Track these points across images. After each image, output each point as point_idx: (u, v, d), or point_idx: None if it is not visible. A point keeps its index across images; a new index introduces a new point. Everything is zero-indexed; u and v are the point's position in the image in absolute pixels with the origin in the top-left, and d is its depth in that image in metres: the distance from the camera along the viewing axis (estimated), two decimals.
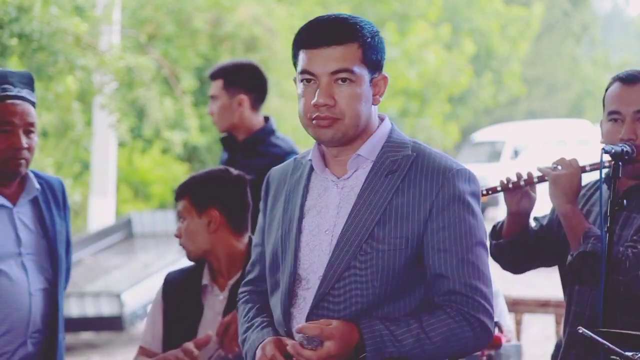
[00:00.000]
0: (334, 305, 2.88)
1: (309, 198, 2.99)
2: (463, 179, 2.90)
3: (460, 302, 2.84)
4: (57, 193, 4.39)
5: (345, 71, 2.89)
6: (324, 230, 2.93)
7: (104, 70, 11.91)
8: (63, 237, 4.36)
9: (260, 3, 18.29)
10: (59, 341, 4.29)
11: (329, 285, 2.88)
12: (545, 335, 9.82)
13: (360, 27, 2.93)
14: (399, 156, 2.94)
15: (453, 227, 2.86)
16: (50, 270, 4.28)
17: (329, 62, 2.89)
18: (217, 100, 5.52)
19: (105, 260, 11.97)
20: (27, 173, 4.30)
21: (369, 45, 2.93)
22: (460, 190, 2.88)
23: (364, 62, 2.91)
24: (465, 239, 2.87)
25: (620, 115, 3.67)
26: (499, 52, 33.36)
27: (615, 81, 3.73)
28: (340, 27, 2.92)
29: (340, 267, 2.88)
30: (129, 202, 18.48)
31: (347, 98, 2.89)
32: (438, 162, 2.92)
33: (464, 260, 2.84)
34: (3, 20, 10.28)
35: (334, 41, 2.89)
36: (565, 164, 3.69)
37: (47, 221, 4.29)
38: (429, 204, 2.87)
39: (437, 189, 2.88)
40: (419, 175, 2.90)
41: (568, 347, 3.74)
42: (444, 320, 2.83)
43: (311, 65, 2.91)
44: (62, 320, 4.34)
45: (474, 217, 2.90)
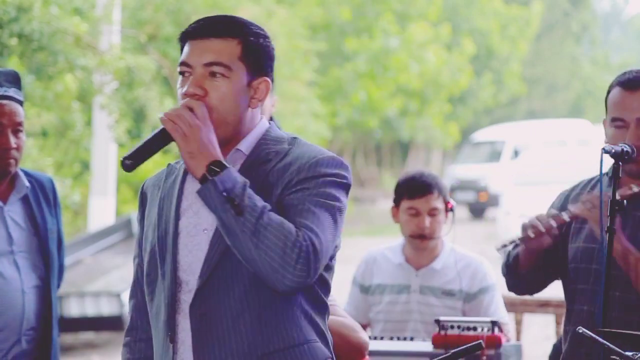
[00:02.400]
0: (213, 302, 2.84)
1: (185, 200, 2.93)
2: (327, 165, 2.86)
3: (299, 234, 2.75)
4: (48, 191, 4.40)
5: (219, 64, 2.83)
6: (202, 229, 2.88)
7: (104, 70, 11.90)
8: (54, 234, 4.36)
9: (259, 4, 18.30)
10: (53, 338, 4.29)
11: (205, 281, 2.84)
12: (545, 335, 9.82)
13: (245, 26, 2.89)
14: (274, 149, 2.90)
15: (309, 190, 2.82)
16: (42, 267, 4.28)
17: (205, 53, 2.84)
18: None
19: (105, 260, 11.97)
20: (17, 171, 4.30)
21: (251, 44, 2.87)
22: (321, 172, 2.85)
23: (243, 61, 2.86)
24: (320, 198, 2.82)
25: (623, 122, 3.68)
26: (499, 52, 33.37)
27: (616, 86, 3.73)
28: (224, 22, 2.89)
29: (214, 259, 2.84)
30: (129, 202, 18.47)
31: (218, 93, 2.84)
32: (308, 151, 2.89)
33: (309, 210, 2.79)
34: (3, 20, 10.28)
35: (214, 33, 2.85)
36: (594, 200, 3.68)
37: (38, 219, 4.30)
38: (287, 180, 2.84)
39: (298, 170, 2.84)
40: (288, 161, 2.86)
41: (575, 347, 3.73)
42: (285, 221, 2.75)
43: (188, 57, 2.86)
44: (57, 317, 4.34)
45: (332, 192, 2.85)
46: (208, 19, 2.90)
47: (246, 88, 2.88)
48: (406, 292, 4.83)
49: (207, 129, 2.79)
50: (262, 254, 2.72)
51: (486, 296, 4.76)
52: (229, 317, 2.84)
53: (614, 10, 65.79)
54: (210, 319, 2.85)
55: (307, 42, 20.86)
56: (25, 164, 10.38)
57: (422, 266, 4.84)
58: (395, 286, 4.86)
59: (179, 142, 2.78)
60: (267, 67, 2.91)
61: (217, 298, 2.84)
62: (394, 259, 4.89)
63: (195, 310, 2.86)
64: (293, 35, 19.69)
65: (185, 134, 2.77)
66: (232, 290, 2.83)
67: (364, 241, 21.52)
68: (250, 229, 2.72)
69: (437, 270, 4.81)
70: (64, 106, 12.29)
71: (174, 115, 2.79)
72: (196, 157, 2.76)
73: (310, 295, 2.90)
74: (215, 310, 2.84)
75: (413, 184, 4.80)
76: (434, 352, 4.23)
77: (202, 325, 2.86)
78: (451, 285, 4.78)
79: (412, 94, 27.39)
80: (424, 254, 4.85)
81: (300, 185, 2.82)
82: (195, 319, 2.86)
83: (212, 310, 2.85)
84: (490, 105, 34.05)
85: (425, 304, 4.78)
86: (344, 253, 20.87)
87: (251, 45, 2.87)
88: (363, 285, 4.98)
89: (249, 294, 2.83)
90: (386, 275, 4.90)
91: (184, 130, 2.77)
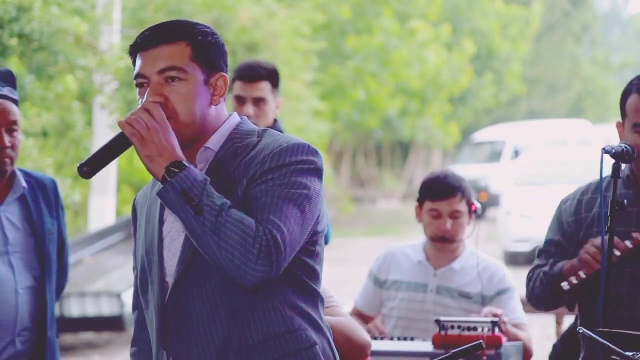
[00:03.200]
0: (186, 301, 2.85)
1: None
2: (292, 152, 2.85)
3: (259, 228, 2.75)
4: (49, 192, 4.39)
5: (173, 69, 2.85)
6: (182, 231, 2.88)
7: (104, 70, 11.90)
8: (54, 235, 4.35)
9: (259, 4, 18.29)
10: (48, 339, 4.28)
11: (178, 281, 2.86)
12: (545, 335, 9.82)
13: (191, 27, 2.90)
14: (244, 142, 2.90)
15: (274, 180, 2.81)
16: (38, 268, 4.27)
17: (157, 61, 2.86)
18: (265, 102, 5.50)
19: (105, 260, 11.97)
20: (14, 171, 4.29)
21: (200, 44, 2.89)
22: (287, 161, 2.83)
23: (195, 61, 2.87)
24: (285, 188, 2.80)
25: None
26: (499, 52, 33.36)
27: (634, 92, 3.72)
28: (168, 27, 2.90)
29: (186, 259, 2.85)
30: (130, 202, 18.47)
31: (178, 96, 2.85)
32: (274, 141, 2.88)
33: (272, 203, 2.78)
34: (3, 19, 10.28)
35: (161, 40, 2.86)
36: None
37: (35, 219, 4.29)
38: (251, 173, 2.83)
39: (262, 161, 2.83)
40: (253, 155, 2.86)
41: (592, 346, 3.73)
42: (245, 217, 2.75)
43: (141, 68, 2.88)
44: (53, 318, 4.33)
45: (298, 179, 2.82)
46: (153, 28, 2.92)
47: (204, 86, 2.89)
48: (423, 291, 4.81)
49: (165, 130, 2.79)
50: (223, 251, 2.72)
51: (504, 297, 4.73)
52: (203, 315, 2.85)
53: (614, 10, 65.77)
54: (186, 319, 2.86)
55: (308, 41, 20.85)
56: (25, 164, 10.37)
57: (441, 266, 4.82)
58: (412, 284, 4.83)
59: (137, 146, 2.79)
60: (221, 62, 2.93)
61: (189, 297, 2.85)
62: (414, 257, 4.87)
63: (170, 311, 2.87)
64: (294, 34, 19.68)
65: (143, 137, 2.78)
66: (203, 288, 2.84)
67: (364, 241, 21.51)
68: (210, 227, 2.72)
69: (456, 270, 4.79)
70: (64, 106, 12.28)
71: (132, 119, 2.79)
72: (155, 160, 2.77)
73: (296, 284, 2.89)
74: (189, 310, 2.86)
75: (436, 186, 4.76)
76: (434, 352, 4.23)
77: (179, 326, 2.87)
78: (469, 288, 4.75)
79: (412, 93, 27.39)
80: (445, 255, 4.83)
81: (265, 176, 2.81)
82: (172, 319, 2.87)
83: (186, 310, 2.86)
84: (491, 105, 34.04)
85: (442, 305, 4.75)
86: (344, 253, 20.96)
87: (200, 45, 2.89)
88: (378, 279, 4.94)
89: (220, 291, 2.83)
90: (404, 272, 4.88)
91: (142, 133, 2.78)
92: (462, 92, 30.00)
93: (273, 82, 5.24)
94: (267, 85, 5.23)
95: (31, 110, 11.69)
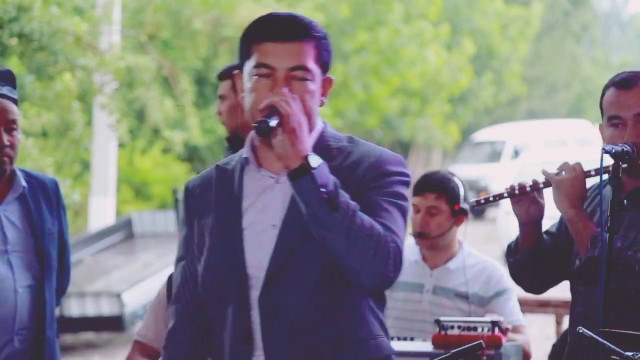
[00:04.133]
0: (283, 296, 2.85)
1: (246, 199, 2.94)
2: (392, 163, 2.91)
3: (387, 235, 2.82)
4: (50, 192, 4.38)
5: (303, 68, 2.88)
6: (270, 225, 2.89)
7: (104, 70, 11.90)
8: (55, 235, 4.34)
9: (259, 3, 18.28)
10: (47, 338, 4.27)
11: (273, 276, 2.85)
12: (545, 335, 9.82)
13: (314, 27, 2.93)
14: (335, 146, 2.94)
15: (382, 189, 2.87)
16: (37, 267, 4.27)
17: (289, 57, 2.87)
18: (226, 100, 5.55)
19: (105, 260, 11.98)
20: (14, 171, 4.29)
21: (323, 46, 2.93)
22: (389, 170, 2.89)
23: (318, 62, 2.91)
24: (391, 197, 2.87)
25: (621, 120, 3.68)
26: (499, 52, 33.35)
27: (610, 86, 3.74)
28: (298, 24, 2.91)
29: (283, 254, 2.85)
30: (130, 202, 18.47)
31: (302, 95, 2.87)
32: (372, 149, 2.94)
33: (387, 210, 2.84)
34: (3, 19, 10.27)
35: (293, 37, 2.88)
36: (569, 168, 3.70)
37: (34, 219, 4.28)
38: (360, 180, 2.88)
39: (369, 169, 2.88)
40: (354, 161, 2.90)
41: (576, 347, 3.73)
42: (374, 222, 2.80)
43: (269, 59, 2.88)
44: (52, 317, 4.32)
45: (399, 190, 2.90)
46: (281, 20, 2.93)
47: (320, 88, 2.94)
48: (419, 292, 4.81)
49: (306, 124, 2.83)
50: (353, 252, 2.77)
51: (501, 298, 4.72)
52: (298, 312, 2.85)
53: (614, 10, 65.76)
54: (280, 314, 2.86)
55: None
56: (25, 164, 10.37)
57: (437, 266, 4.82)
58: (409, 284, 4.83)
59: (286, 125, 2.78)
60: (330, 65, 2.98)
61: (286, 293, 2.86)
62: (411, 256, 4.86)
63: (264, 305, 2.86)
64: None
65: (292, 119, 2.79)
66: (302, 285, 2.85)
67: None
68: (345, 226, 2.76)
69: (452, 270, 4.78)
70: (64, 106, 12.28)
71: (286, 100, 2.81)
72: (296, 146, 2.79)
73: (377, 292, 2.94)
74: (285, 305, 2.86)
75: (419, 182, 4.82)
76: (434, 352, 4.22)
77: (272, 321, 2.86)
78: (464, 288, 4.75)
79: (412, 93, 27.37)
80: (440, 254, 4.82)
81: (374, 183, 2.87)
82: (265, 314, 2.86)
83: (281, 305, 2.86)
84: (491, 105, 34.02)
85: (438, 305, 4.75)
86: None
87: (323, 47, 2.94)
88: None
89: (319, 289, 2.85)
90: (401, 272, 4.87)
91: (295, 114, 2.80)
92: (462, 92, 29.98)
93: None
94: (228, 82, 5.41)
95: (31, 110, 11.70)
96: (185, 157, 19.18)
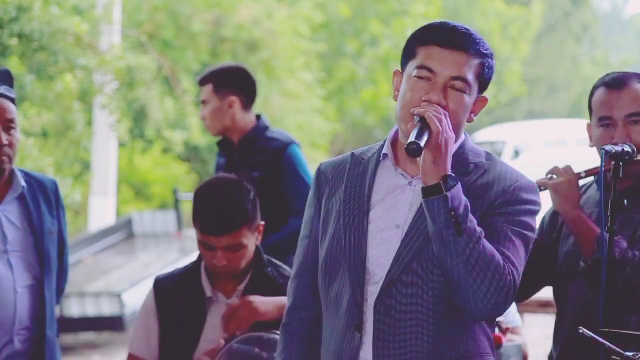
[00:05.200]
0: (399, 300, 2.87)
1: (375, 194, 2.97)
2: (526, 190, 2.92)
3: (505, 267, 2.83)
4: (49, 192, 4.38)
5: (463, 80, 2.90)
6: (394, 225, 2.91)
7: (104, 70, 11.90)
8: (54, 235, 4.35)
9: (260, 2, 18.29)
10: (47, 338, 4.27)
11: (394, 277, 2.87)
12: (545, 335, 9.82)
13: (486, 45, 2.96)
14: (473, 161, 2.96)
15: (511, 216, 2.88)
16: (37, 267, 4.27)
17: (453, 65, 2.90)
18: (208, 104, 5.57)
19: (105, 260, 11.97)
20: (13, 170, 4.29)
21: (488, 64, 2.96)
22: (522, 198, 2.91)
23: (478, 79, 2.94)
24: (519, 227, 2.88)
25: (611, 121, 3.68)
26: (499, 52, 33.35)
27: (600, 86, 3.73)
28: (471, 37, 2.94)
29: (406, 260, 2.87)
30: (130, 202, 18.47)
31: (456, 106, 2.90)
32: (508, 171, 2.95)
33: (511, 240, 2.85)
34: (3, 19, 10.27)
35: (463, 47, 2.91)
36: (560, 171, 3.70)
37: (34, 218, 4.28)
38: (492, 200, 2.89)
39: (502, 192, 2.90)
40: (490, 179, 2.92)
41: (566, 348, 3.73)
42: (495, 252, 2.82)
43: (433, 63, 2.90)
44: (53, 317, 4.32)
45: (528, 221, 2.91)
46: (456, 29, 2.94)
47: (472, 104, 2.96)
48: None
49: (453, 143, 2.85)
50: (469, 278, 2.78)
51: None
52: (413, 318, 2.87)
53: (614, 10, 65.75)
54: (394, 317, 2.88)
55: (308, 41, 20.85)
56: (25, 164, 10.37)
57: None
58: None
59: (432, 142, 2.80)
60: (488, 85, 3.01)
61: (403, 298, 2.88)
62: None
63: (380, 304, 2.88)
64: (293, 33, 19.67)
65: (440, 137, 2.80)
66: (418, 293, 2.87)
67: None
68: (466, 252, 2.77)
69: None
70: (64, 106, 12.28)
71: (439, 116, 2.82)
72: (437, 164, 2.80)
73: None
74: (400, 309, 2.88)
75: None
76: None
77: (385, 321, 2.88)
78: None
79: None
80: None
81: (504, 208, 2.88)
82: (379, 313, 2.88)
83: (396, 309, 2.88)
84: (491, 105, 33.98)
85: None
86: None
87: (487, 66, 2.96)
88: None
89: (436, 300, 2.86)
90: None
91: (444, 134, 2.81)
92: None
93: (216, 83, 5.53)
94: (209, 87, 5.52)
95: (31, 110, 11.70)
96: (185, 157, 19.18)
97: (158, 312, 3.98)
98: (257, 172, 5.28)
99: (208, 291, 3.94)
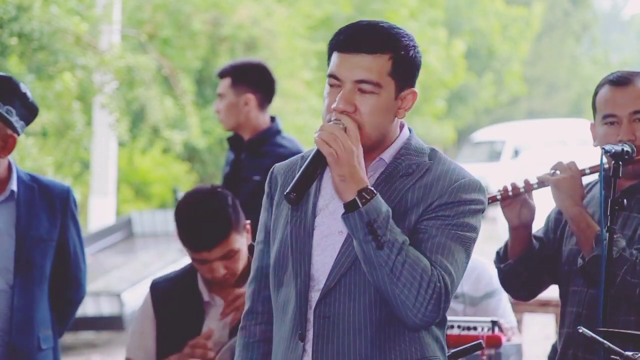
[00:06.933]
0: (337, 307, 2.85)
1: (321, 198, 2.93)
2: (467, 190, 2.86)
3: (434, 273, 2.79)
4: (55, 200, 4.32)
5: (369, 83, 2.83)
6: (337, 231, 2.88)
7: (104, 69, 11.90)
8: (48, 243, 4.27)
9: (259, 2, 18.28)
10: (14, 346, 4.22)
11: (332, 284, 2.85)
12: (545, 335, 9.82)
13: (396, 39, 2.87)
14: (415, 161, 2.90)
15: (448, 218, 2.82)
16: (12, 271, 4.20)
17: (356, 69, 2.83)
18: (224, 98, 5.53)
19: (105, 260, 11.97)
20: (12, 173, 4.24)
21: (402, 59, 2.87)
22: (462, 199, 2.84)
23: (392, 76, 2.86)
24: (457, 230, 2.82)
25: (616, 118, 3.68)
26: (499, 52, 33.36)
27: (605, 84, 3.73)
28: (375, 35, 2.85)
29: (345, 265, 2.84)
30: (130, 201, 18.46)
31: (367, 108, 2.83)
32: (449, 170, 2.89)
33: (446, 245, 2.80)
34: (3, 19, 10.27)
35: (365, 49, 2.84)
36: (563, 167, 3.69)
37: (22, 224, 4.21)
38: (428, 203, 2.84)
39: (440, 194, 2.84)
40: (430, 181, 2.87)
41: (566, 348, 3.73)
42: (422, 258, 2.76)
43: (338, 70, 2.85)
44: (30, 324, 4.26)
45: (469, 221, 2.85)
46: (359, 30, 2.87)
47: (394, 101, 2.88)
48: None
49: (359, 152, 2.79)
50: (396, 289, 2.75)
51: (492, 300, 4.69)
52: (350, 325, 2.84)
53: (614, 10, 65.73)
54: (332, 324, 2.86)
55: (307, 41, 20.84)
56: (25, 164, 10.37)
57: None
58: None
59: (331, 165, 2.77)
60: (414, 78, 2.93)
61: (341, 304, 2.85)
62: None
63: (319, 311, 2.86)
64: (293, 34, 19.66)
65: (339, 157, 2.76)
66: (357, 298, 2.84)
67: None
68: (389, 264, 2.74)
69: None
70: (64, 106, 12.28)
71: (330, 137, 2.78)
72: (347, 182, 2.76)
73: None
74: (337, 316, 2.85)
75: None
76: None
77: (325, 328, 2.86)
78: None
79: None
80: None
81: (441, 211, 2.83)
82: (319, 320, 2.86)
83: (334, 315, 2.86)
84: (491, 105, 34.02)
85: None
86: None
87: (402, 60, 2.87)
88: None
89: (373, 305, 2.84)
90: None
91: (339, 153, 2.76)
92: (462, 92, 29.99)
93: (235, 78, 5.48)
94: (228, 81, 5.48)
95: None
96: (185, 157, 19.17)
97: (155, 316, 3.97)
98: (259, 175, 5.26)
99: (205, 296, 3.93)
